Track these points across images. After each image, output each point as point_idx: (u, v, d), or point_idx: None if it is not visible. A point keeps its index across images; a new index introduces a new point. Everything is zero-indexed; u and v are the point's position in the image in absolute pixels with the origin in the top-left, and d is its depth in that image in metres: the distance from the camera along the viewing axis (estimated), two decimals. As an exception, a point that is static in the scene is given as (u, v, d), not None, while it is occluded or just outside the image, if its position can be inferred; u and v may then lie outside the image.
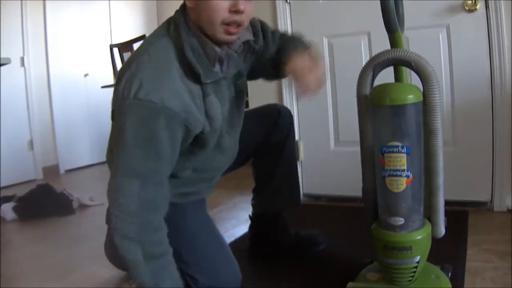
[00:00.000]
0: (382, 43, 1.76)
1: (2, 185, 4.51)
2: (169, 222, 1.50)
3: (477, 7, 2.56)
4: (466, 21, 2.63)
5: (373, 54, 2.71)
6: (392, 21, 1.64)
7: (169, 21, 1.62)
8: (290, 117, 2.15)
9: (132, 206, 1.40)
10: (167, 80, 1.46)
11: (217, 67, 1.60)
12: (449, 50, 2.70)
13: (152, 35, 1.63)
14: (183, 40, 1.52)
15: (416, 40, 2.72)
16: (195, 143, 1.61)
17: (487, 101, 2.63)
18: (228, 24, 1.50)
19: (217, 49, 1.56)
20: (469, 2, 2.57)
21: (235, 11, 1.49)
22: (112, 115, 1.52)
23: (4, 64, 3.73)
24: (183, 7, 1.61)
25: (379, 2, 1.62)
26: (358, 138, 1.71)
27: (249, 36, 1.70)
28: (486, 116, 2.64)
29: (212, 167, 1.79)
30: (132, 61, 1.50)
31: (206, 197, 1.91)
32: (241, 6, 1.49)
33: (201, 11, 1.52)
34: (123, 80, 1.45)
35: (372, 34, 2.85)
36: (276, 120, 2.01)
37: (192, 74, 1.52)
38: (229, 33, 1.53)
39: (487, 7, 2.55)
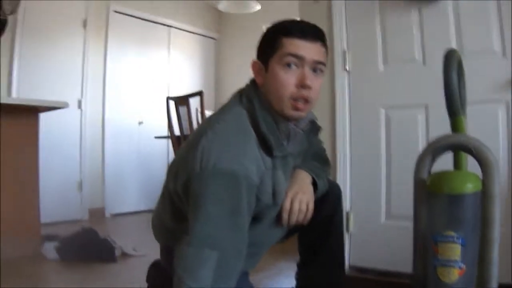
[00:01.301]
0: (441, 117, 1.72)
1: (47, 221, 4.56)
2: None
3: (539, 81, 2.49)
4: (528, 96, 2.55)
5: (430, 127, 2.73)
6: (455, 105, 1.61)
7: (241, 93, 1.64)
8: (339, 191, 2.11)
9: (209, 278, 1.35)
10: (246, 147, 1.47)
11: (285, 143, 1.61)
12: (508, 126, 2.61)
13: (225, 104, 1.64)
14: (257, 112, 1.54)
15: (474, 115, 2.64)
16: (253, 217, 1.58)
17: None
18: (295, 99, 1.53)
19: (289, 124, 1.58)
20: (531, 77, 2.50)
21: (302, 86, 1.52)
22: (181, 182, 1.49)
23: (61, 108, 3.81)
24: (254, 81, 1.64)
25: (438, 73, 1.59)
26: (409, 213, 1.67)
27: (313, 116, 1.73)
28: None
29: (261, 242, 1.76)
30: (207, 128, 1.49)
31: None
32: (309, 81, 1.52)
33: (269, 86, 1.56)
34: (200, 148, 1.43)
35: (429, 107, 2.80)
36: (324, 196, 1.98)
37: (264, 146, 1.53)
38: (297, 109, 1.55)
39: (549, 81, 2.48)
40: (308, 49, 1.53)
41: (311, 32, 1.57)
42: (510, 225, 2.61)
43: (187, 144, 1.53)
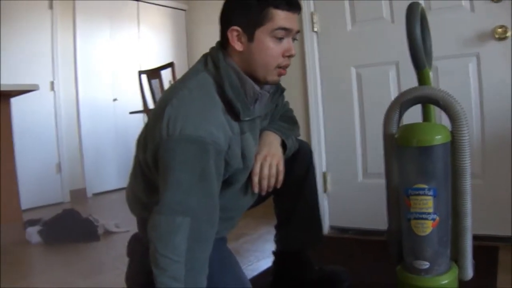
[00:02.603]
0: (411, 74, 1.73)
1: (29, 207, 4.55)
2: None
3: (508, 35, 2.50)
4: (497, 49, 2.56)
5: (402, 84, 2.74)
6: (419, 58, 1.61)
7: (206, 58, 1.64)
8: (310, 152, 2.12)
9: (183, 245, 1.35)
10: (212, 113, 1.47)
11: (251, 106, 1.62)
12: (479, 79, 2.63)
13: (189, 70, 1.64)
14: (223, 77, 1.55)
15: (445, 70, 2.68)
16: (224, 181, 1.58)
17: (517, 131, 2.55)
18: (280, 67, 1.58)
19: (257, 87, 1.59)
20: (499, 30, 2.50)
21: (288, 56, 1.58)
22: (150, 152, 1.49)
23: (32, 90, 3.76)
24: (220, 44, 1.63)
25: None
26: (385, 170, 1.68)
27: None
28: (518, 147, 2.56)
29: (235, 206, 1.76)
30: (171, 96, 1.48)
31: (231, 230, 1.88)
32: (294, 51, 1.59)
33: (254, 55, 1.57)
34: (165, 117, 1.42)
35: (400, 64, 2.80)
36: (295, 156, 1.98)
37: (230, 110, 1.54)
38: (281, 75, 1.61)
39: (518, 34, 2.50)
40: (293, 21, 1.58)
41: (294, 2, 1.59)
42: (484, 177, 2.65)
43: (153, 114, 1.52)
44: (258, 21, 1.54)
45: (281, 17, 1.54)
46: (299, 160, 2.00)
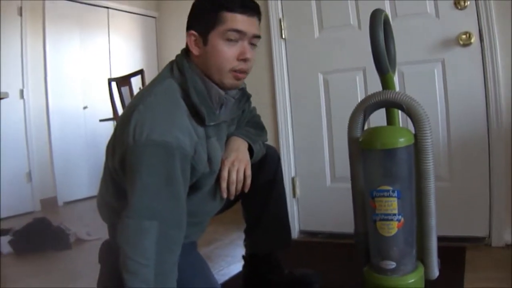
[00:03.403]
0: (378, 79, 1.77)
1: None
2: None
3: (472, 41, 2.55)
4: (461, 55, 2.62)
5: (369, 89, 2.78)
6: (382, 63, 1.65)
7: (172, 64, 1.66)
8: (277, 156, 2.15)
9: (152, 249, 1.36)
10: (177, 119, 1.48)
11: (217, 111, 1.64)
12: (444, 84, 2.69)
13: (156, 77, 1.66)
14: (188, 83, 1.57)
15: (411, 75, 2.73)
16: (192, 186, 1.59)
17: (483, 135, 2.60)
18: (235, 71, 1.58)
19: (222, 92, 1.62)
20: (464, 36, 2.56)
21: (243, 59, 1.58)
22: (118, 157, 1.49)
23: (2, 98, 3.73)
24: (185, 51, 1.66)
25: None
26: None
27: (243, 84, 1.76)
28: (482, 151, 2.61)
29: (203, 211, 1.78)
30: (138, 103, 1.50)
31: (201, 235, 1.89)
32: (249, 54, 1.58)
33: (208, 59, 1.59)
34: (132, 122, 1.43)
35: (367, 70, 2.84)
36: (262, 161, 2.00)
37: (196, 116, 1.56)
38: (237, 79, 1.61)
39: (481, 41, 2.55)
40: (247, 24, 1.58)
41: (250, 6, 1.60)
42: (451, 179, 2.70)
43: (121, 119, 1.53)
44: (211, 24, 1.57)
45: (233, 20, 1.55)
46: (266, 165, 2.03)
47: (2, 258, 3.35)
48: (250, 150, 1.83)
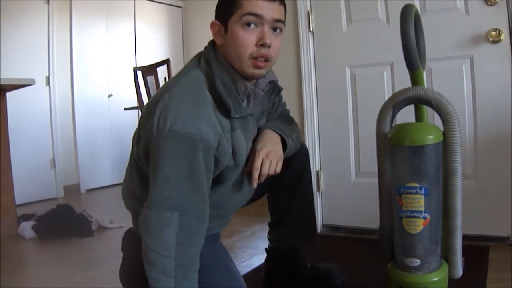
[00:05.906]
0: (406, 74, 1.75)
1: (23, 202, 4.53)
2: None
3: (502, 38, 2.52)
4: (490, 52, 2.59)
5: (396, 85, 2.76)
6: (413, 59, 1.62)
7: (200, 56, 1.65)
8: (306, 150, 2.14)
9: (173, 241, 1.37)
10: (202, 110, 1.47)
11: (244, 103, 1.62)
12: (473, 81, 2.65)
13: (183, 68, 1.65)
14: (214, 74, 1.56)
15: (439, 71, 2.70)
16: (216, 179, 1.60)
17: (509, 134, 2.57)
18: (255, 58, 1.54)
19: (248, 84, 1.59)
20: (493, 33, 2.53)
21: (262, 44, 1.53)
22: (142, 146, 1.50)
23: (28, 85, 3.76)
24: (213, 42, 1.65)
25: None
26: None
27: (274, 77, 1.72)
28: (508, 149, 2.58)
29: (228, 205, 1.77)
30: (164, 92, 1.50)
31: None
32: (268, 39, 1.53)
33: (229, 46, 1.57)
34: (157, 112, 1.44)
35: (395, 65, 2.82)
36: (292, 154, 1.99)
37: (221, 107, 1.55)
38: (257, 67, 1.56)
39: (511, 38, 2.51)
40: (267, 8, 1.53)
41: None
42: (476, 178, 2.67)
43: (146, 109, 1.53)
44: (230, 11, 1.55)
45: (250, 3, 1.52)
46: (295, 159, 2.01)
47: (24, 242, 3.41)
48: (283, 144, 1.81)
